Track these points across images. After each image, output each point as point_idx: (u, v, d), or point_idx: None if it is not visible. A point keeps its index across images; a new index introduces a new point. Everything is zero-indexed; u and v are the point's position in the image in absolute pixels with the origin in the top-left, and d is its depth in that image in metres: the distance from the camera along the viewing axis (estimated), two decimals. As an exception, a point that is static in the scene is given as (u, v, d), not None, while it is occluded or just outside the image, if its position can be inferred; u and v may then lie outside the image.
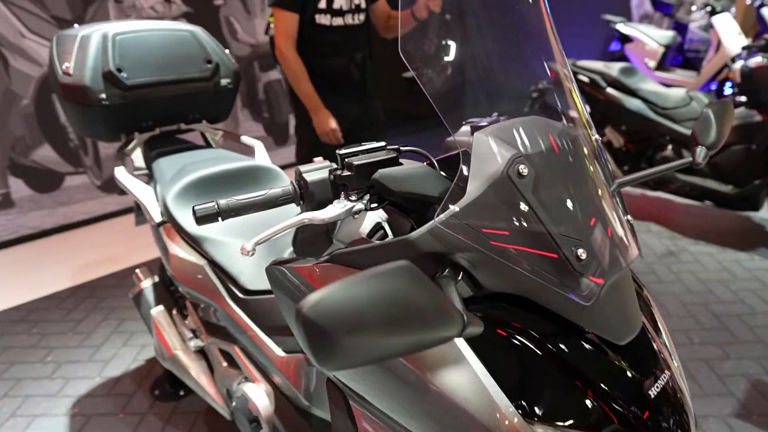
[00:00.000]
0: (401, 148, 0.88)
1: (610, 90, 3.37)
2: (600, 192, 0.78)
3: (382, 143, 0.87)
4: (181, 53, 1.70)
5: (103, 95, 1.56)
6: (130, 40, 1.61)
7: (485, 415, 0.67)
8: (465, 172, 0.73)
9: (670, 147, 3.23)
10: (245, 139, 1.88)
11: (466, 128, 0.93)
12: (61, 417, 1.91)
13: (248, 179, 1.57)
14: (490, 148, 0.73)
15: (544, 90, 2.78)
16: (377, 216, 0.90)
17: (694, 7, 6.64)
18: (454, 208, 0.69)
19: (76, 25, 1.74)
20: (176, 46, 1.70)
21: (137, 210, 1.92)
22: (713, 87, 5.30)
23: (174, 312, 1.68)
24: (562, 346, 0.70)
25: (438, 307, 0.53)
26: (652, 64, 5.28)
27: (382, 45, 2.30)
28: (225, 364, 1.50)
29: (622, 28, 5.53)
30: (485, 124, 0.83)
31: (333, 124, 2.17)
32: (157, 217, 1.51)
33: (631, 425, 0.68)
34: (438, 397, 0.69)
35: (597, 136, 0.85)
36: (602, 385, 0.69)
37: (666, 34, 5.41)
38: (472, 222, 0.68)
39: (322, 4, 2.09)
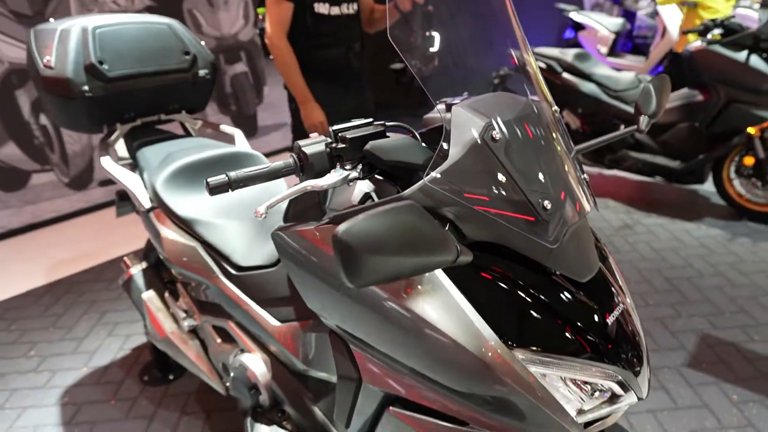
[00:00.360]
0: (386, 123, 0.99)
1: (566, 75, 3.56)
2: (561, 155, 0.90)
3: (370, 119, 0.98)
4: (159, 45, 1.75)
5: (86, 87, 1.60)
6: (110, 33, 1.65)
7: (472, 344, 0.78)
8: (446, 140, 0.84)
9: (622, 126, 3.44)
10: (224, 127, 1.94)
11: (441, 106, 1.05)
12: (51, 407, 1.94)
13: (232, 164, 1.65)
14: (468, 119, 0.84)
15: (505, 75, 2.98)
16: (365, 187, 1.00)
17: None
18: (440, 168, 0.80)
19: (51, 20, 1.76)
20: (154, 38, 1.75)
21: (119, 201, 1.96)
22: (661, 70, 5.61)
23: (166, 295, 1.74)
24: (534, 285, 0.83)
25: (439, 237, 0.66)
26: (604, 50, 5.54)
27: (367, 39, 2.32)
28: (219, 340, 1.57)
29: (575, 16, 5.77)
30: (458, 101, 0.94)
31: (321, 117, 2.15)
32: (147, 203, 1.57)
33: (599, 352, 0.81)
34: (430, 332, 0.80)
35: (556, 107, 0.98)
36: (569, 317, 0.82)
37: (616, 22, 5.68)
38: (455, 181, 0.79)
39: None
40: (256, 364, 1.38)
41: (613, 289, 0.91)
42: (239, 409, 1.56)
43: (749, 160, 3.06)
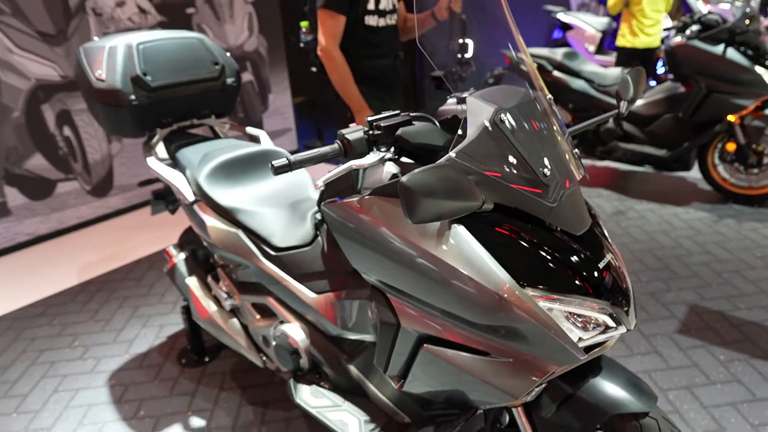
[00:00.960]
0: (411, 114, 1.19)
1: (556, 73, 3.78)
2: (556, 134, 1.11)
3: (397, 111, 1.18)
4: (192, 57, 1.95)
5: (133, 96, 1.80)
6: (151, 48, 1.85)
7: (492, 285, 0.98)
8: (463, 125, 1.04)
9: (611, 119, 3.66)
10: (250, 129, 2.14)
11: (452, 100, 1.26)
12: (101, 388, 2.13)
13: (263, 160, 1.85)
14: (480, 106, 1.05)
15: (499, 75, 3.27)
16: (392, 168, 1.21)
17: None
18: (461, 145, 1.00)
19: (95, 38, 1.96)
20: (188, 51, 1.95)
21: (154, 201, 2.15)
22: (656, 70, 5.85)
23: (208, 280, 1.93)
24: (539, 237, 1.03)
25: (470, 188, 0.89)
26: (592, 48, 5.77)
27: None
28: (258, 316, 1.77)
29: (563, 17, 6.01)
30: (466, 95, 1.15)
31: None
32: (191, 197, 1.77)
33: (595, 290, 1.01)
34: (457, 277, 1.00)
35: (550, 96, 1.18)
36: (569, 262, 1.02)
37: (602, 21, 5.92)
38: (473, 155, 1.00)
39: (371, 5, 2.13)
40: (296, 332, 1.58)
41: (602, 242, 1.11)
42: (277, 377, 1.76)
43: (731, 146, 3.28)
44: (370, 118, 1.14)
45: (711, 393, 1.90)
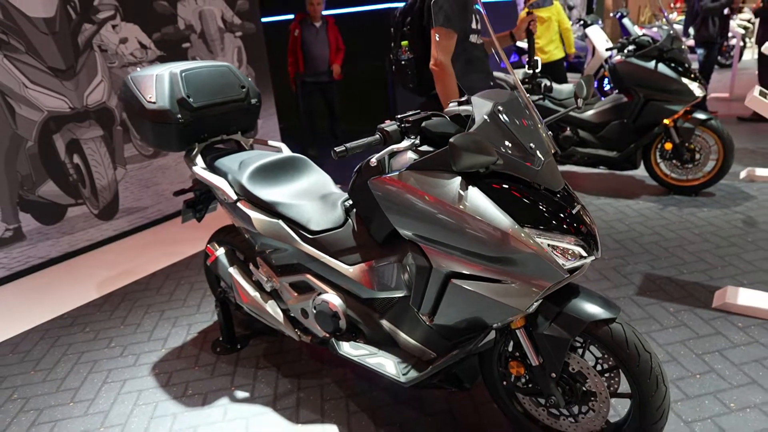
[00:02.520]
0: (429, 112, 1.60)
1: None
2: (535, 120, 1.53)
3: (418, 111, 1.59)
4: (224, 82, 2.31)
5: (179, 115, 2.14)
6: (192, 75, 2.20)
7: (499, 226, 1.38)
8: (472, 117, 1.46)
9: (569, 129, 4.19)
10: (272, 142, 2.51)
11: (453, 102, 1.68)
12: (147, 377, 2.39)
13: (291, 165, 2.21)
14: (482, 103, 1.46)
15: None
16: (413, 155, 1.60)
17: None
18: (474, 127, 1.41)
19: (138, 68, 2.30)
20: (220, 76, 2.31)
21: (185, 209, 2.47)
22: (596, 84, 6.53)
23: (249, 268, 2.25)
24: (530, 192, 1.44)
25: (489, 147, 1.30)
26: (545, 69, 6.40)
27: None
28: (296, 294, 2.10)
29: (519, 43, 6.65)
30: (466, 98, 1.57)
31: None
32: (233, 196, 2.11)
33: (572, 228, 1.42)
34: (474, 223, 1.40)
35: (528, 95, 1.61)
36: (552, 208, 1.43)
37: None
38: (481, 135, 1.40)
39: (474, 24, 2.33)
40: (334, 299, 1.92)
41: (574, 197, 1.53)
42: (315, 340, 2.08)
43: (668, 146, 3.84)
44: (400, 116, 1.54)
45: (664, 335, 2.34)
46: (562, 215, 1.43)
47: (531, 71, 3.08)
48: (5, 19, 3.30)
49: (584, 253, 1.44)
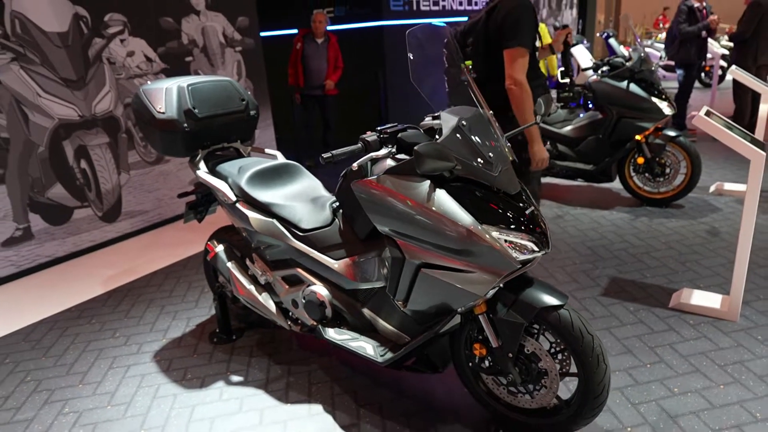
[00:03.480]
0: (404, 125, 1.84)
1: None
2: (496, 133, 1.77)
3: (395, 123, 1.83)
4: (225, 95, 2.56)
5: (186, 125, 2.38)
6: (197, 88, 2.45)
7: (463, 223, 1.62)
8: (440, 129, 1.70)
9: (548, 143, 4.46)
10: (269, 151, 2.75)
11: (428, 117, 1.93)
12: (149, 363, 2.60)
13: (286, 171, 2.45)
14: (449, 117, 1.71)
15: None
16: (391, 162, 1.84)
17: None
18: (441, 139, 1.65)
19: (148, 81, 2.54)
20: (222, 90, 2.56)
21: (187, 211, 2.70)
22: (582, 102, 6.82)
23: (245, 263, 2.48)
24: (489, 195, 1.67)
25: (449, 154, 1.55)
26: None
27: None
28: (287, 286, 2.32)
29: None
30: (439, 113, 1.81)
31: (545, 154, 2.48)
32: (233, 197, 2.34)
33: (525, 226, 1.66)
34: (441, 220, 1.63)
35: (491, 111, 1.86)
36: (509, 209, 1.67)
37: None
38: (446, 144, 1.65)
39: (537, 42, 2.47)
40: (321, 290, 2.15)
41: (529, 200, 1.77)
42: (303, 329, 2.30)
43: (641, 160, 4.11)
44: (379, 128, 1.78)
45: (623, 330, 2.57)
46: (517, 215, 1.67)
47: (567, 80, 3.29)
48: (23, 33, 3.55)
49: (536, 248, 1.68)
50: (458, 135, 1.67)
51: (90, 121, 3.99)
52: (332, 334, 2.12)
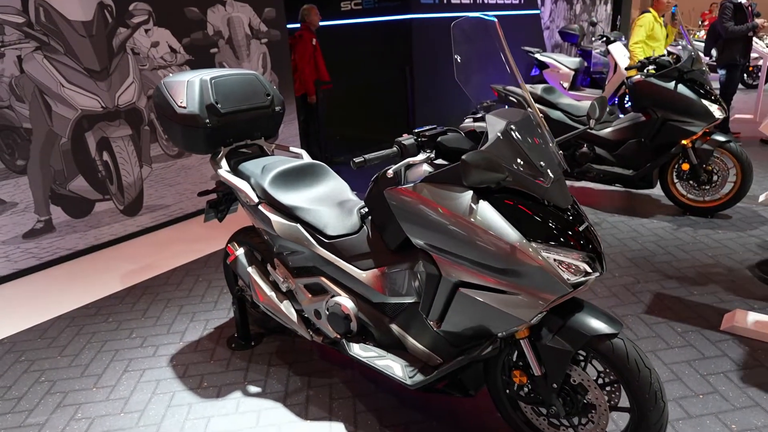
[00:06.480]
0: (444, 128, 1.67)
1: (536, 105, 4.35)
2: (547, 139, 1.59)
3: (434, 125, 1.66)
4: (250, 89, 2.42)
5: (207, 120, 2.25)
6: (220, 82, 2.32)
7: (508, 239, 1.45)
8: (486, 134, 1.53)
9: (585, 145, 4.23)
10: (293, 149, 2.61)
11: (469, 119, 1.76)
12: (165, 367, 2.49)
13: (310, 171, 2.30)
14: (496, 121, 1.54)
15: (488, 106, 3.85)
16: (428, 168, 1.68)
17: (593, 37, 8.02)
18: (486, 145, 1.48)
19: (170, 74, 2.42)
20: (247, 84, 2.42)
21: (207, 209, 2.57)
22: (616, 101, 6.55)
23: (267, 268, 2.35)
24: (538, 208, 1.50)
25: (499, 164, 1.37)
26: (566, 85, 6.45)
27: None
28: (310, 295, 2.18)
29: (540, 56, 6.70)
30: (482, 114, 1.64)
31: None
32: (255, 199, 2.20)
33: (578, 244, 1.48)
34: (483, 235, 1.46)
35: (541, 115, 1.68)
36: (560, 225, 1.49)
37: (574, 60, 6.62)
38: (494, 152, 1.47)
39: None
40: (347, 302, 2.00)
41: (582, 214, 1.59)
42: (326, 341, 2.16)
43: (686, 166, 3.85)
44: (417, 130, 1.62)
45: (670, 354, 2.37)
46: (569, 232, 1.49)
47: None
48: (47, 22, 3.48)
49: (589, 269, 1.50)
50: (507, 141, 1.50)
51: (113, 113, 3.91)
52: (357, 350, 1.98)
